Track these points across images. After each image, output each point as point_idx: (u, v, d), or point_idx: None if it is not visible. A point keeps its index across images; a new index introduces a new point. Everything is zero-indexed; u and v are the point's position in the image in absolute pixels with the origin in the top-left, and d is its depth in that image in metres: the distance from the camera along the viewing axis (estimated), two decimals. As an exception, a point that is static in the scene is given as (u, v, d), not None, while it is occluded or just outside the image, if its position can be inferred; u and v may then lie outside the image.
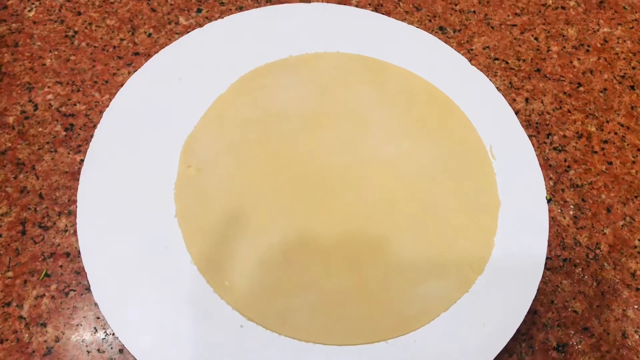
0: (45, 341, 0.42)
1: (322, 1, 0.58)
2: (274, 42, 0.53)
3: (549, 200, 0.50)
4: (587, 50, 0.58)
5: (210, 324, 0.41)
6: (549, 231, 0.48)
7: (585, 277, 0.47)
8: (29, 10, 0.55)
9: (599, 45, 0.59)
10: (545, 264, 0.47)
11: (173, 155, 0.47)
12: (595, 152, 0.53)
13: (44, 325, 0.42)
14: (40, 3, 0.56)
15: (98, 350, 0.42)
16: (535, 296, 0.45)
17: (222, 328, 0.41)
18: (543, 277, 0.47)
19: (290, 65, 0.52)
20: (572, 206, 0.50)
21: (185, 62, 0.51)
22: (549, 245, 0.48)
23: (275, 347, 0.41)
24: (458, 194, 0.47)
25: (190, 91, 0.50)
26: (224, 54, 0.52)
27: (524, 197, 0.48)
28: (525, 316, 0.44)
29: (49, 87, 0.51)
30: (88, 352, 0.42)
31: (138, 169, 0.46)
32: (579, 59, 0.58)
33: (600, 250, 0.48)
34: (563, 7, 0.61)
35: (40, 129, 0.49)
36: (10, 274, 0.44)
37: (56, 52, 0.53)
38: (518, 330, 0.44)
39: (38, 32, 0.54)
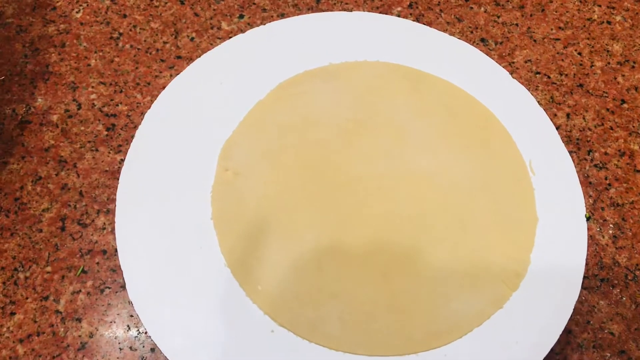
0: (79, 336, 0.42)
1: (364, 10, 0.58)
2: (314, 50, 0.53)
3: (588, 219, 0.49)
4: (633, 67, 0.57)
5: (241, 327, 0.41)
6: (587, 250, 0.47)
7: (624, 298, 0.46)
8: (77, 12, 0.56)
9: (645, 61, 0.58)
10: (582, 283, 0.46)
11: (211, 158, 0.48)
12: (638, 171, 0.51)
13: (79, 320, 0.43)
14: (87, 5, 0.57)
15: (130, 347, 0.42)
16: (571, 316, 0.44)
17: (253, 332, 0.41)
18: (579, 296, 0.46)
19: (329, 73, 0.52)
20: (611, 225, 0.49)
21: (226, 67, 0.52)
22: (587, 264, 0.47)
23: (305, 354, 0.41)
24: (495, 208, 0.47)
25: (230, 96, 0.50)
26: (264, 60, 0.52)
27: (563, 214, 0.47)
28: (560, 336, 0.43)
29: (92, 87, 0.52)
30: (120, 349, 0.42)
31: (177, 170, 0.47)
32: (623, 75, 0.56)
33: (640, 272, 0.47)
34: (609, 22, 0.60)
35: (82, 128, 0.50)
36: (49, 268, 0.45)
37: (101, 53, 0.54)
38: (552, 350, 0.43)
39: (84, 33, 0.55)
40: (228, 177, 0.47)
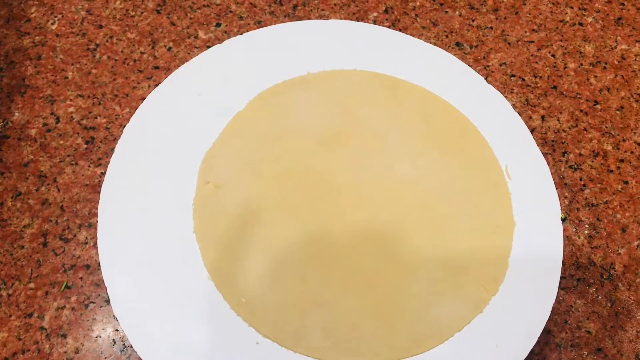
0: (65, 352, 0.43)
1: (340, 16, 0.58)
2: (292, 59, 0.54)
3: (563, 220, 0.50)
4: (605, 68, 0.58)
5: (226, 339, 0.42)
6: (563, 251, 0.49)
7: (599, 297, 0.47)
8: (52, 23, 0.56)
9: (616, 62, 0.59)
10: (559, 283, 0.47)
11: (192, 171, 0.48)
12: (611, 171, 0.53)
13: (64, 336, 0.43)
14: (62, 16, 0.57)
15: (116, 362, 0.43)
16: (549, 316, 0.45)
17: (238, 344, 0.42)
18: (557, 296, 0.47)
19: (307, 82, 0.52)
20: (587, 225, 0.50)
21: (204, 78, 0.52)
22: (563, 264, 0.48)
23: (290, 364, 0.41)
24: (473, 214, 0.48)
25: (209, 107, 0.51)
26: (242, 71, 0.53)
27: (539, 217, 0.48)
28: (539, 336, 0.44)
29: (70, 100, 0.52)
30: (106, 364, 0.43)
31: (158, 184, 0.47)
32: (596, 77, 0.58)
33: (615, 271, 0.48)
34: (581, 24, 0.61)
35: (61, 142, 0.50)
36: (32, 285, 0.45)
37: (78, 65, 0.54)
38: (531, 350, 0.44)
39: (60, 45, 0.55)
40: (209, 189, 0.47)
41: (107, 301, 0.44)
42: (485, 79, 0.55)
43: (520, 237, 0.47)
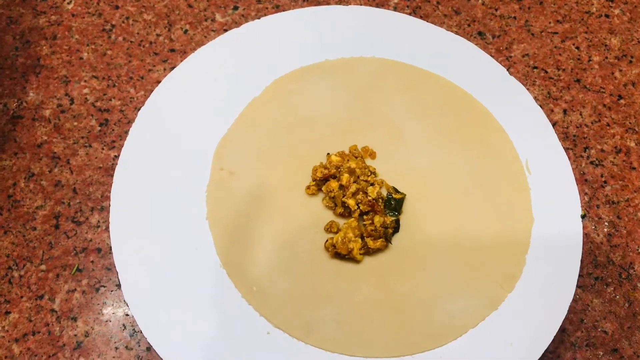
0: (75, 335, 0.42)
1: (360, 1, 0.57)
2: (310, 45, 0.53)
3: (583, 217, 0.49)
4: (630, 61, 0.57)
5: (237, 328, 0.41)
6: (582, 248, 0.47)
7: (617, 297, 0.46)
8: (68, 3, 0.55)
9: (642, 56, 0.57)
10: (576, 281, 0.46)
11: (206, 156, 0.47)
12: (634, 168, 0.51)
13: (75, 319, 0.43)
14: (79, -5, 0.56)
15: (126, 347, 0.42)
16: (565, 314, 0.44)
17: (249, 334, 0.41)
18: (573, 295, 0.46)
19: (325, 70, 0.51)
20: (606, 223, 0.49)
21: (220, 63, 0.51)
22: (581, 262, 0.47)
23: (300, 356, 0.41)
24: (491, 208, 0.47)
25: (224, 93, 0.50)
26: (259, 56, 0.52)
27: (558, 214, 0.47)
28: (554, 334, 0.43)
29: (85, 81, 0.52)
30: (116, 348, 0.42)
31: (172, 169, 0.46)
32: (621, 70, 0.56)
33: (634, 270, 0.47)
34: (607, 15, 0.59)
35: (75, 123, 0.50)
36: (43, 267, 0.45)
37: (93, 46, 0.53)
38: (545, 349, 0.43)
39: (76, 25, 0.54)
40: (223, 176, 0.46)
41: (118, 285, 0.44)
42: (507, 70, 0.53)
43: (539, 233, 0.46)
